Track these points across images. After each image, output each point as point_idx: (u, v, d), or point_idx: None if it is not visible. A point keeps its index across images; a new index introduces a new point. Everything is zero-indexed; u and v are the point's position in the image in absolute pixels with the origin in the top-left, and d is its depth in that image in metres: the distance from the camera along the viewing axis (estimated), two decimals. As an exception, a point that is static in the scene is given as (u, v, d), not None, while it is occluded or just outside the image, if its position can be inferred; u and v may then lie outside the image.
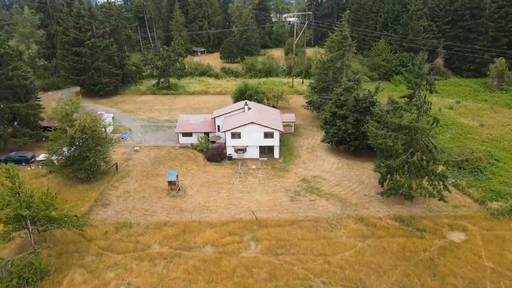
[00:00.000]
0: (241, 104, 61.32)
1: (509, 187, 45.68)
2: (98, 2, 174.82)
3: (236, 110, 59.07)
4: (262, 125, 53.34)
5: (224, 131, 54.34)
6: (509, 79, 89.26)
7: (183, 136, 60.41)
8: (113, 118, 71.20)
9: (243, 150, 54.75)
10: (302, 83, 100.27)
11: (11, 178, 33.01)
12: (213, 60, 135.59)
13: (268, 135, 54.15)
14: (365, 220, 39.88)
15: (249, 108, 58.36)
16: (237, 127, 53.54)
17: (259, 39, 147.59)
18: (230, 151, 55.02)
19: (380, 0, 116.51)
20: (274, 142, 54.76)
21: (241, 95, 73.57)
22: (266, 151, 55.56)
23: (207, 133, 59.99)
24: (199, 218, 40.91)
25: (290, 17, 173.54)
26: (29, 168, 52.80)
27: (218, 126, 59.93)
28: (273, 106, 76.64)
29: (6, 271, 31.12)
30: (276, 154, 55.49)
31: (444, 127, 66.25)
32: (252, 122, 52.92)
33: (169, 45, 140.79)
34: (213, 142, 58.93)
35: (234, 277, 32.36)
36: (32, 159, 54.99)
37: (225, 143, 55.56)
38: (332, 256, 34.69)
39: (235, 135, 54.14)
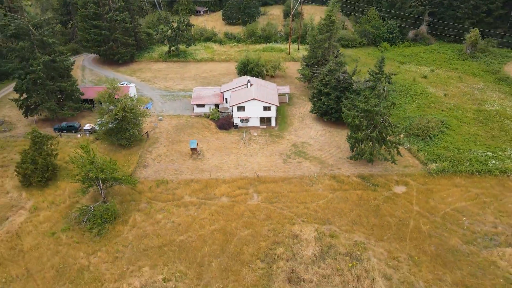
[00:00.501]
0: (244, 80, 74.08)
1: (449, 151, 60.29)
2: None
3: (240, 86, 72.08)
4: (262, 101, 66.75)
5: (231, 106, 67.93)
6: (481, 47, 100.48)
7: (197, 106, 73.99)
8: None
9: (246, 120, 68.70)
10: (298, 49, 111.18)
11: (87, 151, 47.29)
12: (216, 22, 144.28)
13: (266, 108, 67.79)
14: (336, 178, 55.09)
15: (251, 85, 71.33)
16: (242, 102, 66.99)
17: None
18: (236, 121, 68.97)
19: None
20: (272, 113, 68.53)
21: (244, 68, 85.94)
22: (265, 120, 69.49)
23: (216, 105, 73.57)
24: (215, 176, 56.09)
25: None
26: (78, 135, 67.11)
27: (226, 99, 73.22)
28: (271, 76, 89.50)
29: (91, 214, 46.70)
30: (273, 123, 69.53)
31: (414, 97, 79.27)
32: (253, 99, 66.29)
33: (173, 5, 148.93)
34: (222, 112, 72.68)
35: (243, 218, 48.10)
36: (79, 128, 69.15)
37: (232, 114, 69.37)
38: (310, 203, 50.25)
39: (240, 109, 67.77)
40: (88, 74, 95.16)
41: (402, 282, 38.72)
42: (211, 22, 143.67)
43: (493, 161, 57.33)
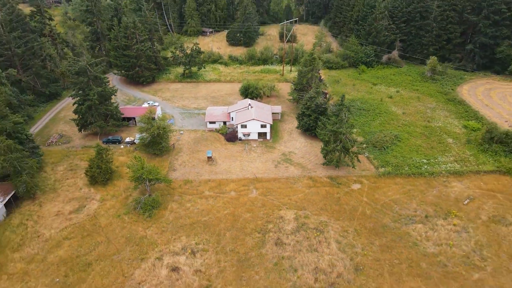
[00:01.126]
0: (246, 102, 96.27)
1: (396, 158, 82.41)
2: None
3: (243, 108, 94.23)
4: (260, 121, 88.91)
5: (236, 123, 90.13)
6: (440, 70, 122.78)
7: (209, 123, 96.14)
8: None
9: (248, 134, 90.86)
10: (290, 71, 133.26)
11: (139, 160, 69.40)
12: (220, 42, 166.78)
13: (263, 126, 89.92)
14: (312, 178, 77.24)
15: (251, 107, 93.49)
16: (244, 121, 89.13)
17: (258, 15, 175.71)
18: (240, 135, 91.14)
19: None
20: (267, 130, 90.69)
21: (245, 91, 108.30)
22: (262, 135, 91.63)
23: (225, 122, 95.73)
24: (226, 177, 78.19)
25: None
26: (121, 146, 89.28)
27: (232, 117, 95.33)
28: (267, 96, 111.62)
29: (142, 203, 68.75)
30: (268, 137, 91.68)
31: (378, 115, 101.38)
32: (253, 119, 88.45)
33: (183, 26, 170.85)
34: (229, 128, 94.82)
35: (245, 206, 70.17)
36: (122, 140, 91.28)
37: (237, 130, 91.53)
38: (292, 196, 72.34)
39: (243, 126, 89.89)
40: (119, 93, 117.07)
41: (347, 244, 60.90)
42: (216, 42, 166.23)
43: (425, 166, 79.59)
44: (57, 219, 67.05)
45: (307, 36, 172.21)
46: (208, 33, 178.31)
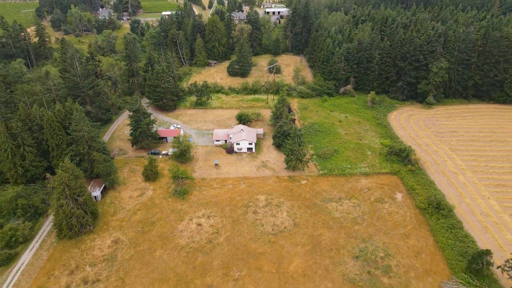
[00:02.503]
0: (239, 128, 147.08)
1: (332, 165, 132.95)
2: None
3: (237, 131, 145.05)
4: (248, 140, 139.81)
5: (233, 141, 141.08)
6: (379, 101, 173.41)
7: (216, 141, 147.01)
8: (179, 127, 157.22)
9: (240, 149, 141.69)
10: (273, 99, 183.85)
11: (176, 166, 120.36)
12: (222, 72, 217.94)
13: (250, 143, 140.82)
14: (278, 177, 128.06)
15: (243, 131, 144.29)
16: (238, 140, 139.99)
17: (252, 48, 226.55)
18: (235, 149, 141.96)
19: (323, 43, 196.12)
20: (253, 146, 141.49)
21: (240, 117, 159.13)
22: (249, 149, 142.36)
23: (225, 140, 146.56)
24: (226, 176, 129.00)
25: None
26: (160, 157, 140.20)
27: (230, 137, 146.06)
28: (255, 120, 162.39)
29: (178, 191, 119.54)
30: (254, 150, 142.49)
31: (328, 135, 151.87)
32: (244, 139, 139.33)
33: (193, 59, 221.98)
34: (228, 144, 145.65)
35: (237, 193, 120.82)
36: (159, 153, 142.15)
37: (233, 146, 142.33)
38: (265, 187, 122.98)
39: (237, 143, 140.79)
40: (151, 117, 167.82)
41: (292, 213, 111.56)
42: (219, 73, 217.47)
43: (348, 170, 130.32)
44: (130, 200, 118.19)
45: (289, 67, 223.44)
46: (212, 64, 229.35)
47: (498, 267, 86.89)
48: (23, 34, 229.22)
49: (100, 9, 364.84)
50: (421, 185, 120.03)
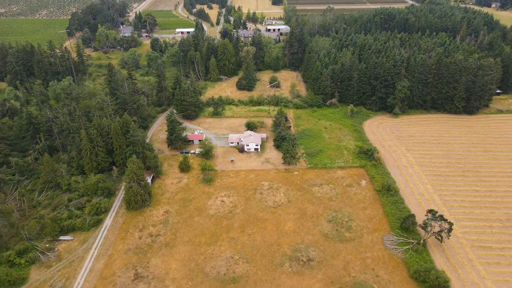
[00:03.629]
0: (248, 133, 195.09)
1: (316, 161, 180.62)
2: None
3: (247, 136, 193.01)
4: (255, 142, 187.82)
5: (244, 144, 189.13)
6: (357, 111, 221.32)
7: (230, 143, 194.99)
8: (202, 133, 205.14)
9: (249, 149, 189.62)
10: (274, 110, 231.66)
11: (205, 162, 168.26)
12: (232, 87, 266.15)
13: (257, 145, 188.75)
14: (277, 169, 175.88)
15: (251, 135, 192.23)
16: (248, 143, 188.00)
17: (256, 65, 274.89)
18: (246, 149, 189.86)
19: (313, 64, 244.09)
20: (258, 147, 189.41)
21: (248, 125, 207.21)
22: (256, 149, 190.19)
23: (238, 142, 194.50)
24: (239, 169, 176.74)
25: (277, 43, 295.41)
26: (189, 155, 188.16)
27: (241, 140, 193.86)
28: (260, 127, 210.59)
29: (205, 179, 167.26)
30: (259, 150, 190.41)
31: (315, 139, 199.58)
32: (252, 142, 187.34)
33: (207, 75, 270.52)
34: (240, 146, 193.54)
35: (248, 180, 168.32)
36: (188, 152, 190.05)
37: (244, 147, 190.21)
38: (268, 177, 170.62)
39: (247, 145, 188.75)
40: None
41: (287, 194, 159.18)
42: (229, 87, 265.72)
43: (329, 164, 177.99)
44: (172, 185, 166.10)
45: (287, 81, 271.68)
46: (224, 79, 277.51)
47: (418, 225, 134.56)
48: (67, 54, 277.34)
49: (121, 26, 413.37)
50: (379, 175, 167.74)
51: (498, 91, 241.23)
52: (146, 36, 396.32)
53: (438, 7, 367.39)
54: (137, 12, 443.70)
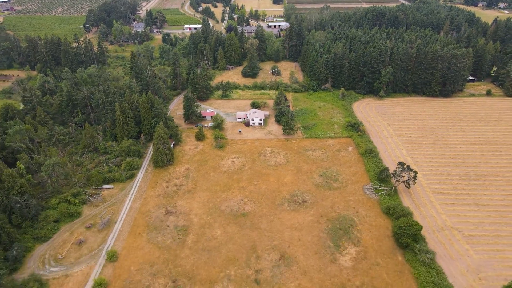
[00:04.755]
0: (253, 110, 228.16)
1: (311, 132, 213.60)
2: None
3: (253, 112, 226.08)
4: (259, 118, 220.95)
5: (250, 119, 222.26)
6: (347, 94, 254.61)
7: (238, 119, 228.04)
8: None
9: (254, 123, 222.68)
10: (275, 93, 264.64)
11: (217, 132, 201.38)
12: (237, 75, 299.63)
13: (261, 120, 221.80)
14: (278, 139, 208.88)
15: (255, 112, 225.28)
16: (253, 118, 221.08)
17: (259, 56, 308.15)
18: (251, 123, 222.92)
19: (310, 54, 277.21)
20: (262, 121, 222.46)
21: (253, 105, 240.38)
22: (260, 124, 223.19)
23: (244, 118, 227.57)
24: (246, 138, 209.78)
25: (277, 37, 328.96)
26: (203, 127, 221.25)
27: (247, 116, 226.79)
28: (263, 107, 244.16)
29: (218, 145, 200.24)
30: (263, 124, 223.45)
31: (311, 116, 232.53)
32: (256, 117, 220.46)
33: (215, 64, 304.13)
34: (246, 120, 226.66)
35: (254, 147, 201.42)
36: (203, 125, 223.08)
37: (249, 121, 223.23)
38: (271, 144, 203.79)
39: (253, 120, 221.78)
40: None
41: (286, 156, 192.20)
42: (235, 75, 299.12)
43: (321, 135, 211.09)
44: (190, 150, 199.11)
45: (287, 70, 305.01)
46: (230, 68, 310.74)
47: (391, 176, 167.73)
48: (89, 46, 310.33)
49: (134, 23, 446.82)
50: (364, 143, 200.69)
51: (473, 78, 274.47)
52: (157, 31, 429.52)
53: (426, 5, 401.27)
54: (148, 10, 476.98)
